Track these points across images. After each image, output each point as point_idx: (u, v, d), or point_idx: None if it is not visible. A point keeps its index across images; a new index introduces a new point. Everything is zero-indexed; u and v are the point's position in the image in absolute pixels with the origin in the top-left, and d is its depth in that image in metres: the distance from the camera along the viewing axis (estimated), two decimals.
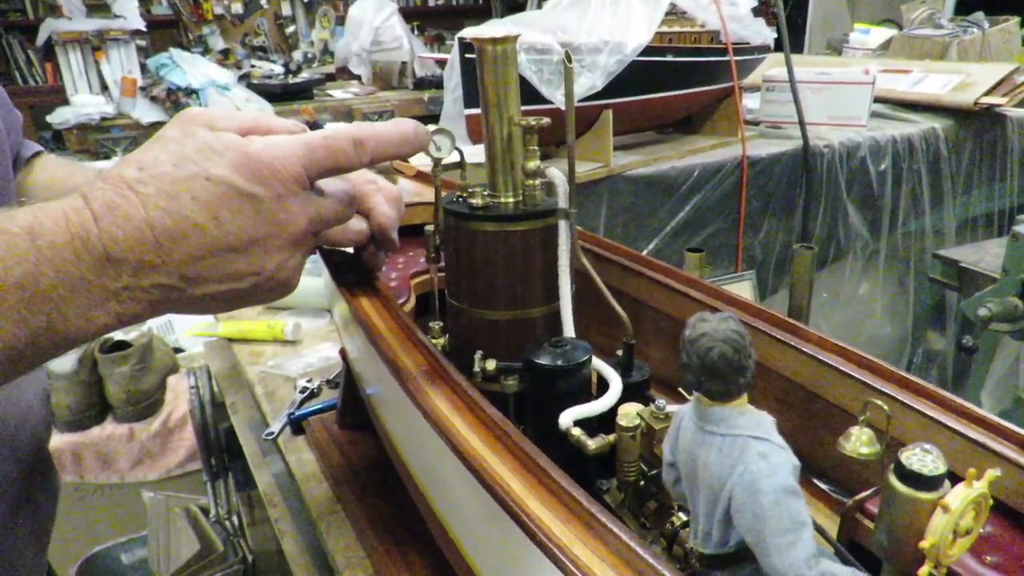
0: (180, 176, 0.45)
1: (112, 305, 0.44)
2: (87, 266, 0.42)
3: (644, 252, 1.30)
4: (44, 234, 0.42)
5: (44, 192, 0.79)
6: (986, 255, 1.88)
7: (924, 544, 0.35)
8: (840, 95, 2.20)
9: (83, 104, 3.50)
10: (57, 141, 3.56)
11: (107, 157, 3.21)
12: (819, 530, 0.45)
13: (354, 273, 0.73)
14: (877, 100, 2.31)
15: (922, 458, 0.36)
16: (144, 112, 3.42)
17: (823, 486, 0.60)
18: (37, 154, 0.84)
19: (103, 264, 0.43)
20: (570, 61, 0.57)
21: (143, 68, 3.69)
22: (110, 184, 0.44)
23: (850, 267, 2.24)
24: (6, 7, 4.95)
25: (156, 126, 3.38)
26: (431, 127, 0.65)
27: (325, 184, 0.52)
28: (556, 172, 0.63)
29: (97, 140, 3.37)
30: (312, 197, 0.50)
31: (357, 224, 0.62)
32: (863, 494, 0.47)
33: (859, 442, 0.43)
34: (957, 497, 0.34)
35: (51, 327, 0.42)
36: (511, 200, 0.64)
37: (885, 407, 0.42)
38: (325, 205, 0.51)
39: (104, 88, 3.68)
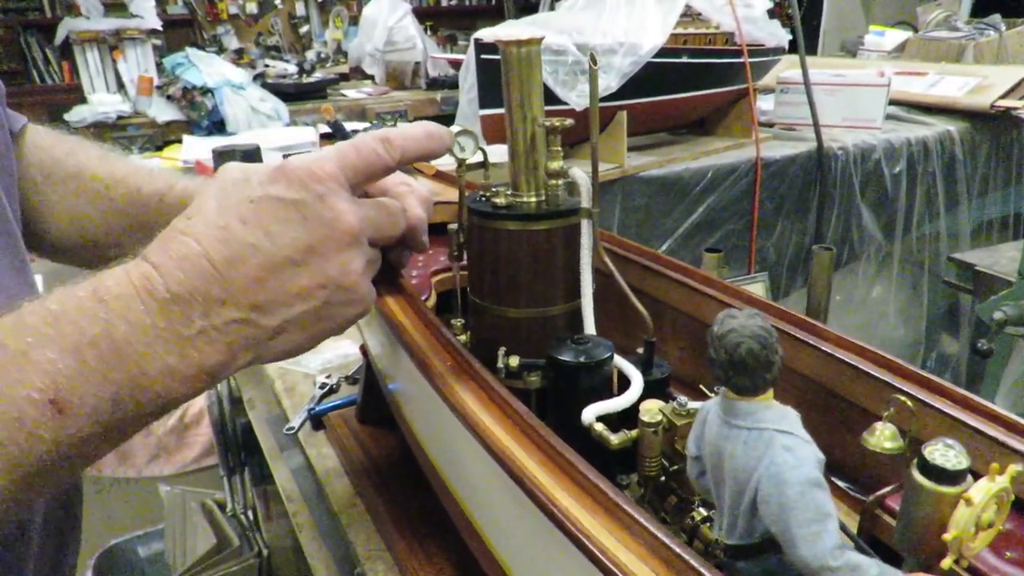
0: (225, 206, 0.46)
1: (191, 353, 0.43)
2: (157, 313, 0.42)
3: None
4: (109, 291, 0.42)
5: (47, 171, 0.78)
6: (1001, 258, 1.88)
7: (947, 536, 0.35)
8: (855, 97, 2.19)
9: (100, 103, 3.53)
10: None
11: None
12: (839, 525, 0.45)
13: (378, 271, 0.74)
14: (892, 102, 2.31)
15: (945, 453, 0.37)
16: (160, 111, 3.45)
17: (842, 484, 0.61)
18: (23, 127, 0.81)
19: (171, 308, 0.43)
20: (595, 63, 0.58)
21: (159, 67, 3.72)
22: (163, 237, 0.45)
23: (864, 270, 2.24)
24: (24, 6, 5.01)
25: (172, 124, 3.41)
26: (455, 128, 0.66)
27: (371, 199, 0.53)
28: (579, 172, 0.64)
29: (114, 138, 3.40)
30: (356, 200, 0.50)
31: None
32: (883, 490, 0.48)
33: (883, 437, 0.44)
34: (980, 490, 0.35)
35: (133, 384, 0.42)
36: (534, 200, 0.64)
37: (910, 403, 0.43)
38: (373, 211, 0.51)
39: (121, 87, 3.71)
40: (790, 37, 2.18)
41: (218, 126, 3.30)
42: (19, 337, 0.40)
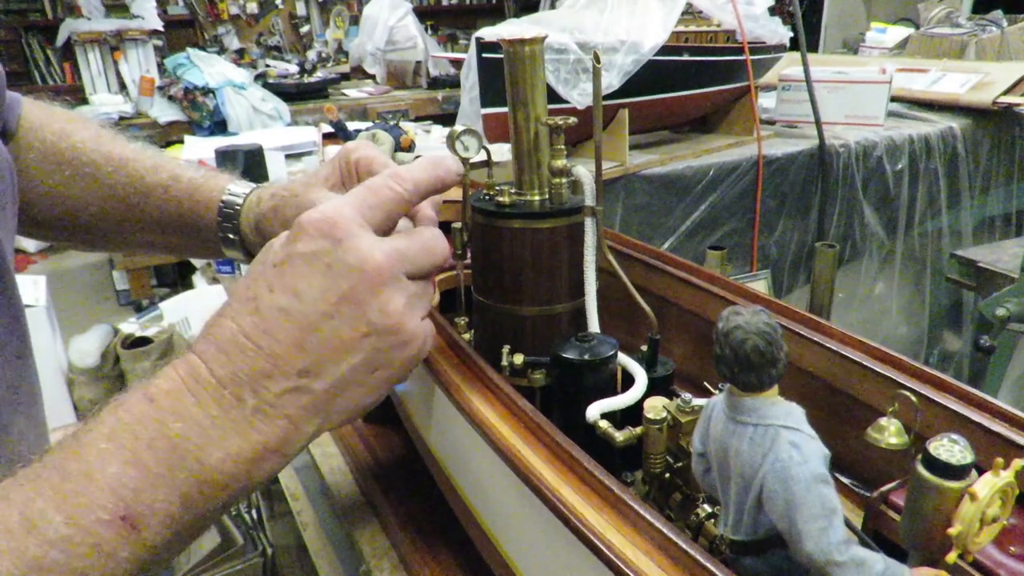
0: (253, 278, 0.45)
1: (251, 434, 0.42)
2: (208, 402, 0.42)
3: None
4: (159, 389, 0.42)
5: (40, 154, 0.73)
6: (1004, 255, 1.87)
7: (952, 531, 0.36)
8: (856, 94, 2.19)
9: (102, 103, 3.54)
10: None
11: None
12: (845, 522, 0.46)
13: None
14: (894, 99, 2.31)
15: (950, 448, 0.37)
16: (162, 111, 3.46)
17: (846, 481, 0.61)
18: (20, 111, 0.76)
19: (221, 393, 0.42)
20: (598, 61, 0.58)
21: (160, 67, 3.73)
22: (206, 325, 0.45)
23: (866, 267, 2.24)
24: (26, 7, 5.01)
25: (174, 125, 3.41)
26: (458, 127, 0.66)
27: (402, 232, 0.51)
28: (583, 170, 0.64)
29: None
30: (382, 238, 0.47)
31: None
32: (888, 486, 0.48)
33: (888, 433, 0.44)
34: (985, 485, 0.35)
35: (199, 480, 0.41)
36: (537, 198, 0.65)
37: (914, 398, 0.43)
38: (403, 243, 0.48)
39: (122, 87, 3.73)
40: (791, 34, 2.18)
41: (220, 126, 3.31)
42: (81, 459, 0.39)
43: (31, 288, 1.92)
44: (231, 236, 0.74)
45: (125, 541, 0.38)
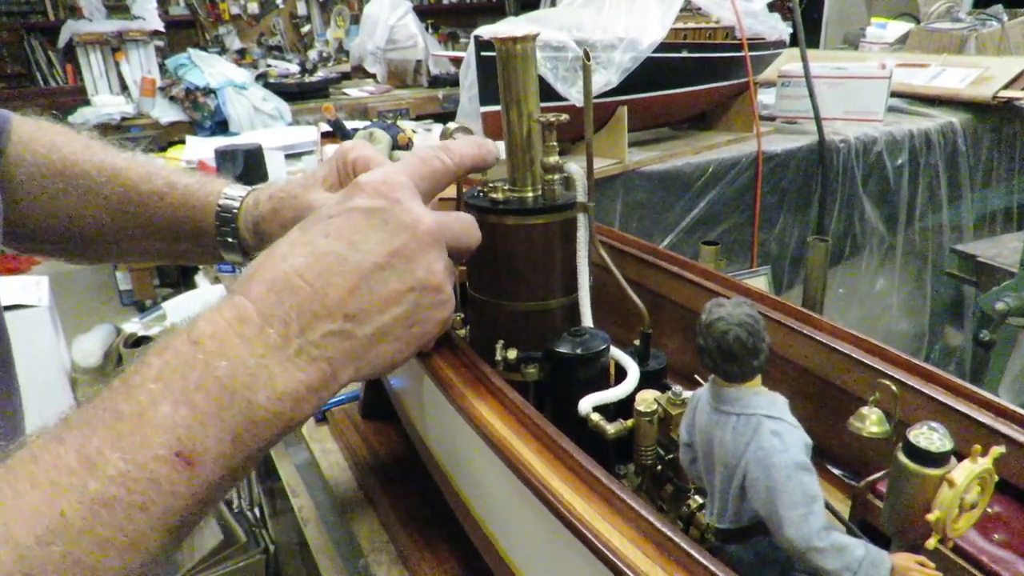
0: (306, 230, 0.47)
1: (295, 373, 0.43)
2: (254, 343, 0.43)
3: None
4: (203, 333, 0.43)
5: (31, 168, 0.73)
6: (1004, 249, 1.88)
7: (931, 517, 0.36)
8: (856, 90, 2.19)
9: (103, 104, 3.56)
10: None
11: None
12: (831, 511, 0.46)
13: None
14: (894, 94, 2.31)
15: (929, 436, 0.38)
16: (163, 112, 3.47)
17: (836, 471, 0.62)
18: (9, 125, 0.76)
19: (267, 333, 0.43)
20: (588, 59, 0.58)
21: (162, 68, 3.74)
22: (247, 270, 0.46)
23: (866, 263, 2.24)
24: (27, 8, 5.03)
25: (175, 125, 3.42)
26: (452, 125, 0.67)
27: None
28: (575, 167, 0.65)
29: (117, 140, 3.42)
30: (428, 208, 0.51)
31: None
32: (874, 476, 0.49)
33: (869, 421, 0.45)
34: (962, 471, 0.36)
35: (248, 419, 0.42)
36: (531, 194, 0.65)
37: (893, 387, 0.43)
38: (447, 218, 0.52)
39: (124, 88, 3.74)
40: (791, 30, 2.18)
41: (221, 126, 3.31)
42: (131, 400, 0.40)
43: (34, 288, 1.93)
44: (230, 240, 0.75)
45: (181, 477, 0.39)
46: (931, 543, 0.37)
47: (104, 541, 0.37)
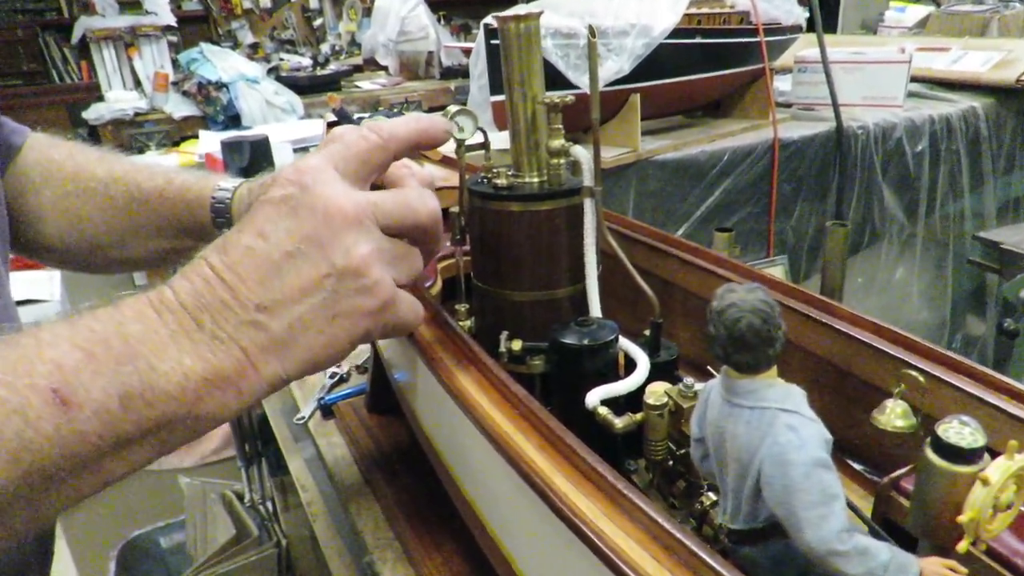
0: (231, 231, 0.47)
1: (206, 354, 0.42)
2: (169, 319, 0.42)
3: None
4: (124, 303, 0.43)
5: (45, 174, 0.78)
6: None
7: (963, 518, 0.34)
8: (875, 75, 2.14)
9: (117, 100, 3.56)
10: (92, 136, 3.64)
11: (141, 152, 3.26)
12: (853, 508, 0.44)
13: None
14: (914, 79, 2.25)
15: (960, 430, 0.35)
16: (176, 106, 3.47)
17: (856, 466, 0.59)
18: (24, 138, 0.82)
19: (182, 315, 0.43)
20: (593, 35, 0.56)
21: (175, 63, 3.74)
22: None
23: (886, 251, 2.19)
24: (42, 7, 5.06)
25: (188, 120, 3.42)
26: (453, 107, 0.64)
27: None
28: (580, 150, 0.62)
29: (131, 135, 3.42)
30: (353, 188, 0.48)
31: None
32: (898, 472, 0.46)
33: (894, 415, 0.42)
34: (997, 469, 0.33)
35: (144, 382, 0.40)
36: (536, 179, 0.63)
37: (921, 378, 0.41)
38: (378, 196, 0.49)
39: (137, 84, 3.74)
40: (807, 15, 2.14)
41: (234, 121, 3.31)
42: (34, 337, 0.40)
43: (47, 284, 1.93)
44: (226, 230, 0.76)
45: (51, 414, 0.37)
46: (962, 546, 0.34)
47: None
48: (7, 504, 0.37)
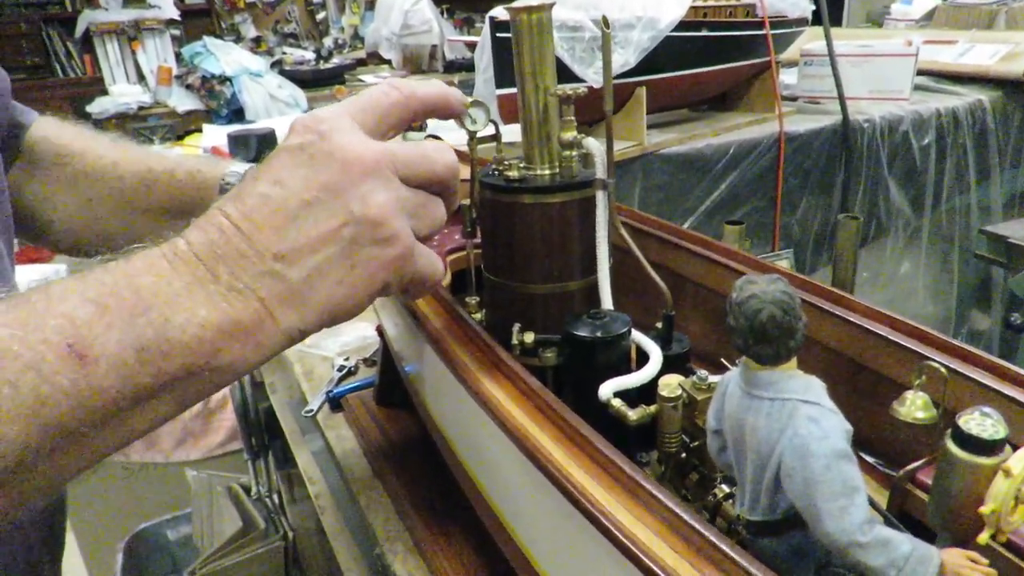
0: (246, 179, 0.46)
1: (222, 304, 0.41)
2: (183, 270, 0.41)
3: None
4: (135, 257, 0.42)
5: (55, 155, 0.78)
6: None
7: (984, 510, 0.34)
8: (881, 68, 2.13)
9: (121, 94, 3.57)
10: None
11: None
12: (872, 503, 0.44)
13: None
14: (920, 72, 2.24)
15: (981, 422, 0.35)
16: (180, 100, 3.47)
17: (871, 459, 0.59)
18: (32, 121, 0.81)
19: (197, 266, 0.41)
20: (607, 26, 0.56)
21: (178, 57, 3.74)
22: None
23: (891, 245, 2.18)
24: (45, 0, 5.05)
25: (192, 114, 3.43)
26: (467, 98, 0.64)
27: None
28: (593, 142, 0.62)
29: (135, 128, 3.43)
30: (371, 138, 0.47)
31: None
32: (914, 464, 0.46)
33: (914, 407, 0.42)
34: (1020, 460, 0.33)
35: (160, 334, 0.39)
36: (547, 172, 0.63)
37: (943, 370, 0.41)
38: (396, 145, 0.47)
39: (141, 77, 3.75)
40: (813, 8, 2.12)
41: (237, 114, 3.31)
42: (45, 293, 0.39)
43: (53, 277, 1.93)
44: None
45: (67, 369, 0.37)
46: (983, 538, 0.34)
47: None
48: (30, 462, 0.36)
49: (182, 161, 0.80)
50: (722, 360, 0.61)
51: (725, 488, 0.52)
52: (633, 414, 0.53)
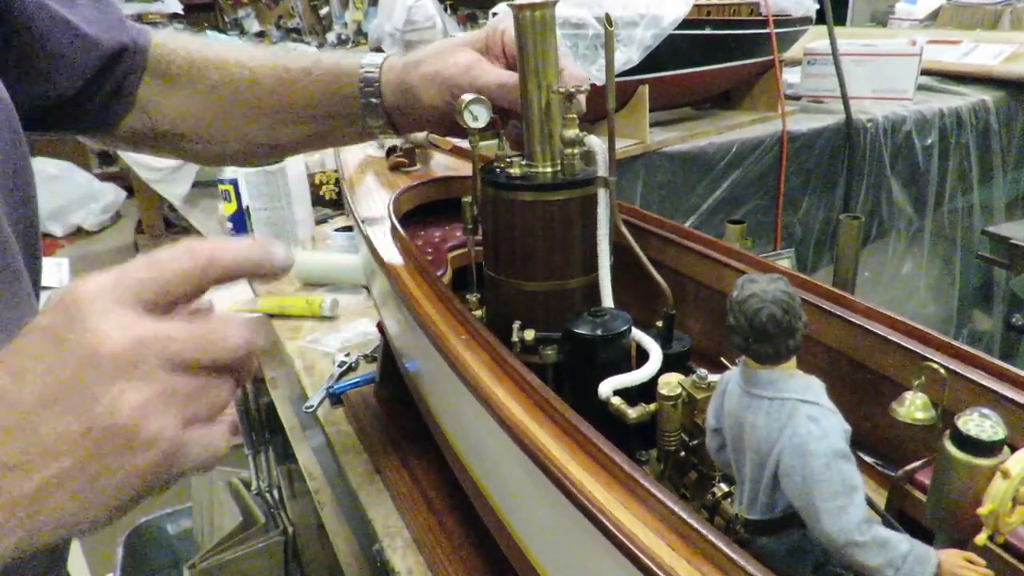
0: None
1: None
2: None
3: None
4: None
5: (180, 67, 0.77)
6: None
7: (982, 511, 0.34)
8: (885, 67, 2.13)
9: None
10: None
11: None
12: (867, 501, 0.44)
13: (391, 248, 0.74)
14: (924, 72, 2.23)
15: (980, 423, 0.35)
16: None
17: (869, 460, 0.59)
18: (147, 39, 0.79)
19: None
20: (611, 24, 0.56)
21: None
22: None
23: (893, 245, 2.18)
24: None
25: None
26: (467, 96, 0.64)
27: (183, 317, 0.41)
28: (595, 140, 0.62)
29: None
30: (141, 318, 0.39)
31: None
32: (913, 465, 0.46)
33: (913, 407, 0.42)
34: (1018, 462, 0.33)
35: None
36: (549, 169, 0.63)
37: (942, 370, 0.41)
38: (175, 328, 0.39)
39: None
40: (817, 6, 2.12)
41: None
42: None
43: (55, 270, 1.94)
44: (373, 100, 0.75)
45: None
46: (980, 539, 0.34)
47: None
48: None
49: (319, 58, 0.78)
50: (722, 359, 0.61)
51: (724, 487, 0.52)
52: (633, 412, 0.53)
